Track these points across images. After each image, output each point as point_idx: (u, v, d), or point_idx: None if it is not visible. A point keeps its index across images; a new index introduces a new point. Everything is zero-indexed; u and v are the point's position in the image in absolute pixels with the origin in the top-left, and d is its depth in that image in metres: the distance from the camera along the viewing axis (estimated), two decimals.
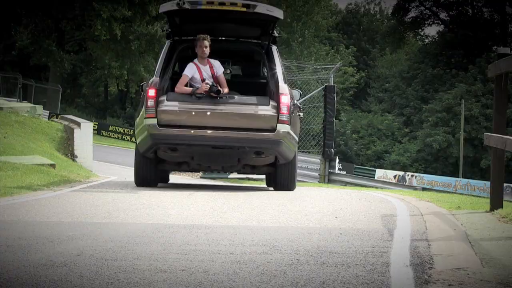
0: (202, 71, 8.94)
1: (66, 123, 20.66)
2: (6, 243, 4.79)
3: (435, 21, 57.10)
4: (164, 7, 8.86)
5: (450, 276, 3.78)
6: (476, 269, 3.99)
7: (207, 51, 8.85)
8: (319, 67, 25.62)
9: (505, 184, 12.27)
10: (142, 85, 9.58)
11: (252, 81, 10.01)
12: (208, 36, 8.79)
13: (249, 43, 9.56)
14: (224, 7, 8.66)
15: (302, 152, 21.71)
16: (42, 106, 35.21)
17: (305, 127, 22.37)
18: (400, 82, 53.57)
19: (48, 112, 37.06)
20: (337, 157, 24.24)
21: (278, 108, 8.99)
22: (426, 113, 48.63)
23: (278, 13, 8.92)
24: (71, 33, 40.11)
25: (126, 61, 37.33)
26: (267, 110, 9.02)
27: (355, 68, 55.43)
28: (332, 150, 20.76)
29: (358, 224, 6.15)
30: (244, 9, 8.60)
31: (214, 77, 9.15)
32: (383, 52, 61.22)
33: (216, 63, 9.17)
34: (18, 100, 36.79)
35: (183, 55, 9.58)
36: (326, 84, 21.02)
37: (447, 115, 47.39)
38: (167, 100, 8.88)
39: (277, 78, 9.14)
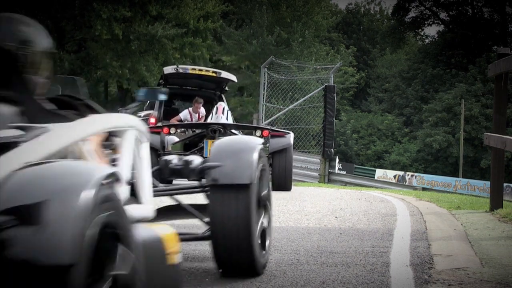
0: (192, 117, 12.74)
1: None
2: None
3: (435, 21, 57.03)
4: (166, 70, 13.36)
5: (450, 276, 3.78)
6: (476, 269, 3.99)
7: (199, 109, 12.92)
8: (319, 67, 25.62)
9: (505, 184, 12.25)
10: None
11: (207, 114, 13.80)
12: (203, 101, 13.01)
13: (209, 91, 13.90)
14: (201, 72, 13.17)
15: (302, 152, 21.72)
16: None
17: (305, 127, 22.36)
18: (400, 82, 53.50)
19: None
20: (337, 157, 24.24)
21: None
22: (426, 113, 48.57)
23: (234, 78, 13.57)
24: (71, 33, 40.06)
25: (126, 61, 37.33)
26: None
27: (355, 68, 55.39)
28: (332, 150, 20.76)
29: (358, 224, 6.15)
30: (214, 74, 13.16)
31: (199, 119, 12.90)
32: (383, 52, 61.15)
33: (202, 110, 12.96)
34: None
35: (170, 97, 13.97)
36: (326, 84, 21.02)
37: (447, 115, 47.34)
38: None
39: (228, 113, 12.50)
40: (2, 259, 1.83)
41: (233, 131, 10.61)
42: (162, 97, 3.81)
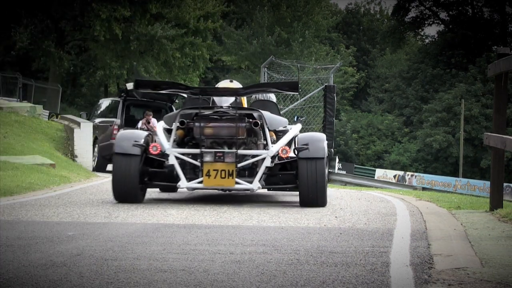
0: (147, 126, 15.45)
1: (66, 123, 20.67)
2: (6, 243, 4.79)
3: (435, 21, 57.02)
4: (129, 86, 16.53)
5: (450, 276, 3.78)
6: (476, 269, 3.99)
7: (150, 119, 16.18)
8: (319, 67, 25.61)
9: (505, 184, 12.26)
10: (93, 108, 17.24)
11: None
12: (152, 113, 16.42)
13: (161, 103, 17.35)
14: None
15: None
16: (42, 106, 35.11)
17: (305, 127, 22.35)
18: (400, 82, 53.48)
19: (48, 112, 36.98)
20: (337, 157, 24.25)
21: None
22: (426, 113, 48.55)
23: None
24: (71, 34, 39.99)
25: (126, 61, 37.30)
26: None
27: (355, 68, 55.36)
28: (332, 150, 20.73)
29: (358, 224, 6.15)
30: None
31: (149, 126, 15.73)
32: (383, 52, 61.12)
33: (153, 120, 15.84)
34: (18, 100, 36.66)
35: (129, 106, 17.80)
36: (326, 84, 20.99)
37: (447, 115, 47.33)
38: None
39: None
40: (300, 156, 7.84)
41: None
42: (300, 119, 10.49)
